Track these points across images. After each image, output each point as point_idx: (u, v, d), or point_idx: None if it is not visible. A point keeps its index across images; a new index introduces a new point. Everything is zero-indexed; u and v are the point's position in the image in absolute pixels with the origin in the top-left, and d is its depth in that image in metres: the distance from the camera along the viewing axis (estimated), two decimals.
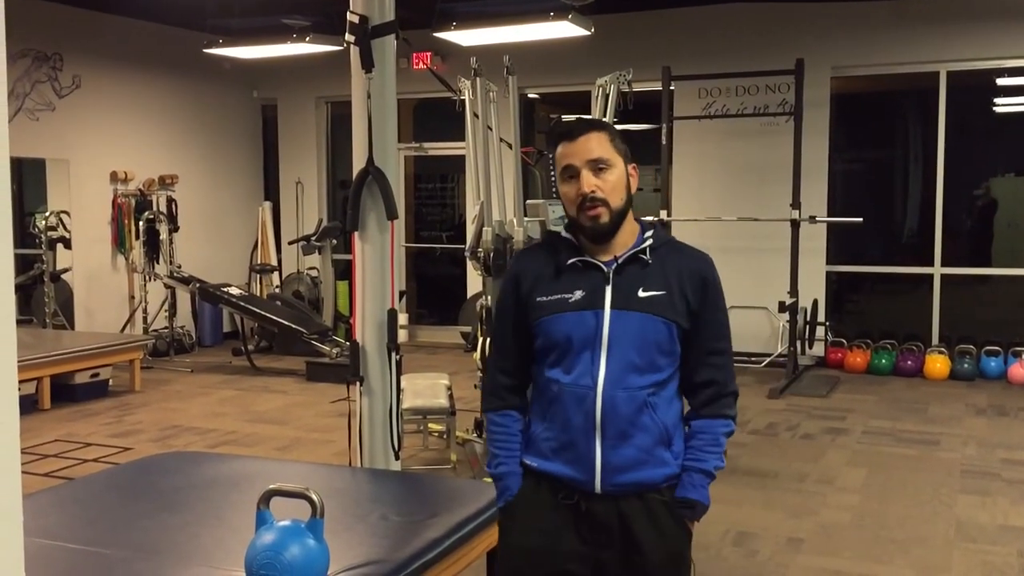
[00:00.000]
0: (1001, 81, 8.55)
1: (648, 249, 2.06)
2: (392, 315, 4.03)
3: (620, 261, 2.04)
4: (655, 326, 2.02)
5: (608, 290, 2.02)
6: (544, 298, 2.05)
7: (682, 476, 2.08)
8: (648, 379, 2.02)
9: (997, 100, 9.02)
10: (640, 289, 2.02)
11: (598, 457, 2.01)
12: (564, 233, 2.14)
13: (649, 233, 2.09)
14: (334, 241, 9.21)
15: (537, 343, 2.09)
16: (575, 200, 2.02)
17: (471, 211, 6.94)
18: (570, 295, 2.03)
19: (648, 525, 2.04)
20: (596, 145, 2.02)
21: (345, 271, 9.53)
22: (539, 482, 2.09)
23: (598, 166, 2.02)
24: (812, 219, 8.00)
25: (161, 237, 9.28)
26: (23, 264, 9.11)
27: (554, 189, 2.10)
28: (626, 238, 2.07)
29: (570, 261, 2.06)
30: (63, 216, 8.94)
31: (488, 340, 2.20)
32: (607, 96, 6.73)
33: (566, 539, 2.05)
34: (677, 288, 2.04)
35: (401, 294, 4.16)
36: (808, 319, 8.26)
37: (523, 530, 2.10)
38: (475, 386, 5.81)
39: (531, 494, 2.10)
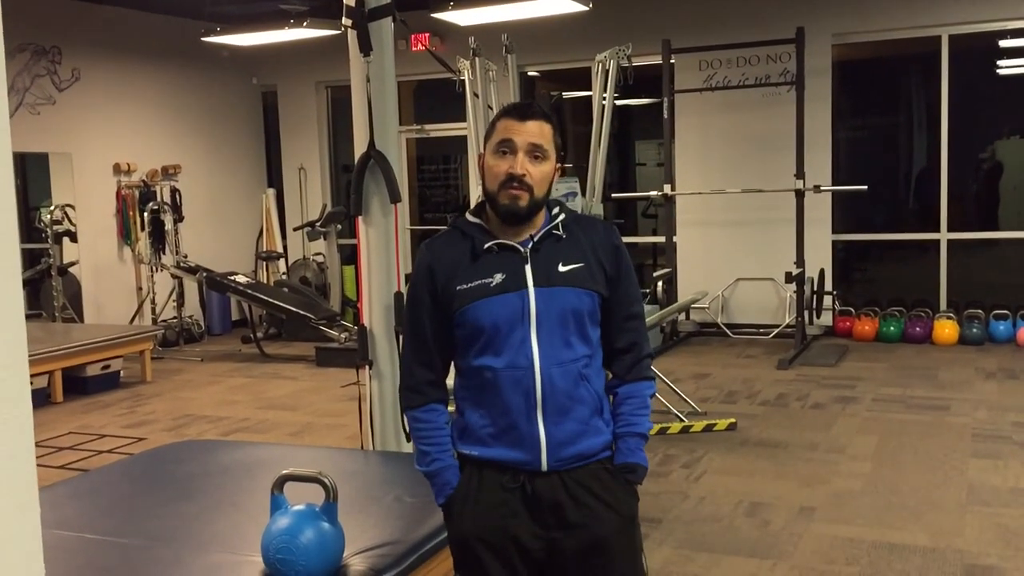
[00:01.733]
0: (1004, 43, 8.48)
1: (561, 225, 2.08)
2: (399, 298, 4.04)
3: (535, 239, 2.06)
4: (579, 298, 2.04)
5: (528, 269, 2.03)
6: (464, 286, 2.03)
7: (618, 443, 2.10)
8: (580, 351, 2.04)
9: (1000, 63, 8.95)
10: (559, 264, 2.04)
11: (542, 435, 2.01)
12: (471, 218, 2.12)
13: (556, 210, 2.11)
14: (339, 226, 9.22)
15: (460, 332, 2.06)
16: (501, 176, 2.02)
17: (475, 191, 6.94)
18: (491, 279, 2.02)
19: (597, 494, 2.05)
20: (540, 133, 2.03)
21: (351, 255, 9.55)
22: (480, 469, 2.06)
23: (535, 153, 2.02)
24: (817, 188, 7.97)
25: (166, 227, 9.30)
26: (30, 259, 9.15)
27: (481, 155, 2.07)
28: (537, 222, 2.08)
29: (486, 245, 2.05)
30: (68, 209, 8.96)
31: (403, 337, 2.12)
32: (607, 71, 6.71)
33: (516, 523, 2.03)
34: (594, 259, 2.07)
35: (407, 277, 4.16)
36: (815, 289, 8.25)
37: (471, 520, 2.06)
38: None
39: (473, 483, 2.07)
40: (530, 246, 2.05)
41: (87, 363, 7.23)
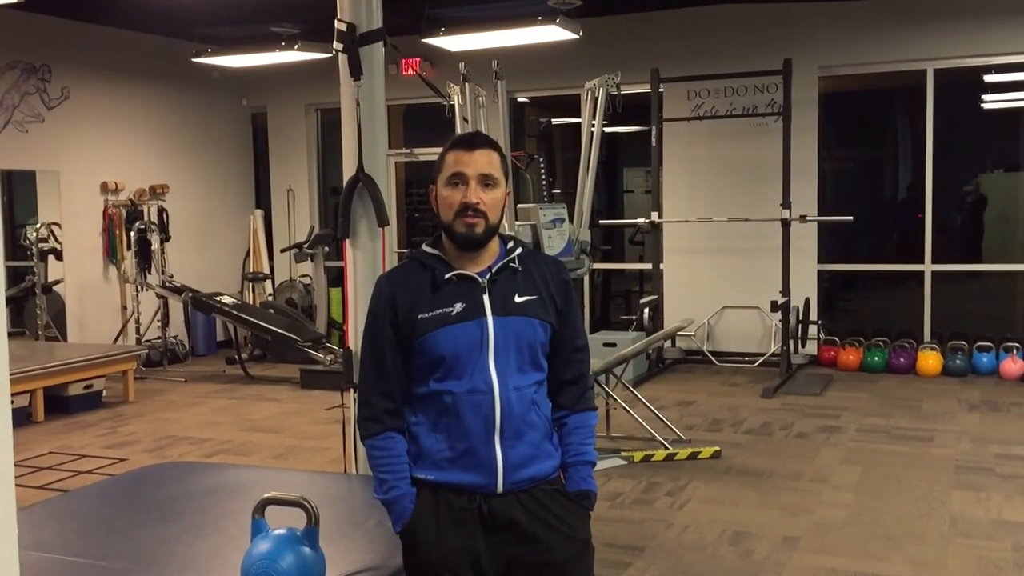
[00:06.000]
0: (988, 78, 8.59)
1: (517, 258, 2.18)
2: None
3: (493, 271, 2.15)
4: (534, 328, 2.14)
5: (486, 299, 2.12)
6: (426, 315, 2.11)
7: (569, 471, 2.19)
8: (532, 378, 2.15)
9: (985, 97, 9.06)
10: (516, 295, 2.15)
11: (499, 459, 2.09)
12: (429, 249, 2.20)
13: (512, 244, 2.21)
14: (326, 248, 9.21)
15: (420, 360, 2.12)
16: (456, 206, 2.11)
17: None
18: (451, 308, 2.11)
19: (554, 512, 2.14)
20: (488, 162, 2.13)
21: (338, 278, 9.53)
22: (436, 493, 2.12)
23: (486, 182, 2.12)
24: (803, 218, 8.02)
25: (153, 247, 9.27)
26: (15, 276, 9.09)
27: (432, 188, 2.11)
28: (492, 250, 2.18)
29: (447, 276, 2.13)
30: (54, 228, 8.93)
31: (361, 367, 2.17)
32: (596, 99, 6.75)
33: (474, 543, 2.10)
34: (546, 292, 2.18)
35: None
36: (800, 318, 8.28)
37: (430, 543, 2.11)
38: None
39: (430, 507, 2.12)
40: (488, 277, 2.13)
41: (69, 382, 7.18)
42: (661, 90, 8.57)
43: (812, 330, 8.53)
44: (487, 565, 2.10)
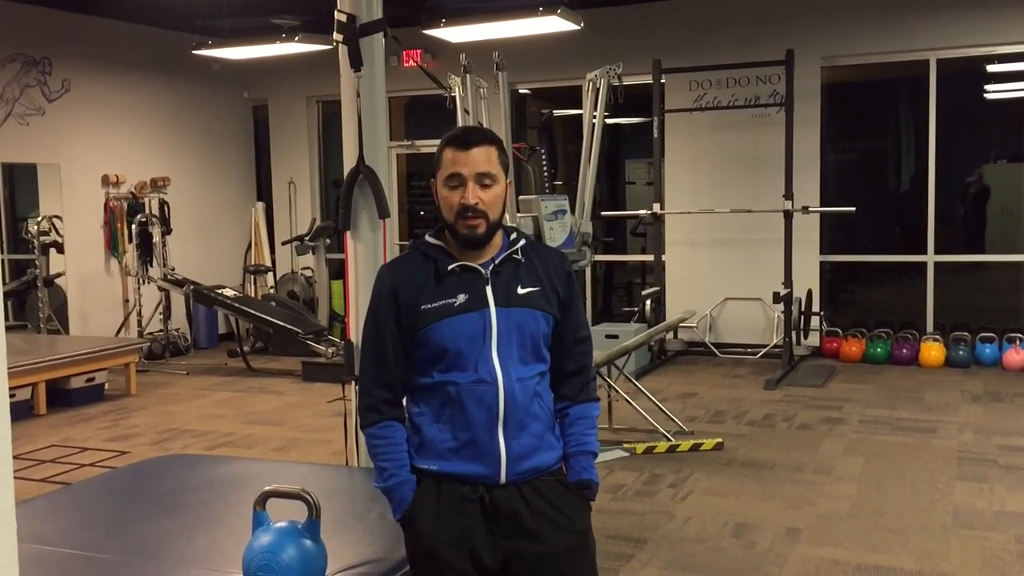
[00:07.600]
0: (991, 68, 8.55)
1: (520, 250, 2.18)
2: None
3: (496, 262, 2.14)
4: (536, 319, 2.14)
5: (489, 290, 2.12)
6: (429, 305, 2.10)
7: (571, 461, 2.20)
8: (535, 369, 2.15)
9: (988, 87, 9.03)
10: (518, 287, 2.14)
11: (502, 449, 2.09)
12: (432, 239, 2.20)
13: (515, 235, 2.21)
14: (327, 240, 9.20)
15: (422, 352, 2.12)
16: (455, 207, 2.09)
17: None
18: (454, 300, 2.10)
19: (555, 505, 2.14)
20: (486, 159, 2.10)
21: (340, 270, 9.52)
22: (439, 482, 2.12)
23: (484, 181, 2.10)
24: (805, 209, 8.00)
25: (154, 240, 9.27)
26: (16, 269, 9.10)
27: (433, 182, 2.11)
28: (495, 242, 2.17)
29: (450, 267, 2.13)
30: (55, 221, 8.92)
31: (361, 357, 2.16)
32: (598, 90, 6.73)
33: (475, 533, 2.10)
34: (548, 283, 2.18)
35: None
36: (803, 309, 8.27)
37: (431, 532, 2.12)
38: None
39: (432, 496, 2.13)
40: (491, 268, 2.13)
41: (71, 375, 7.17)
42: (663, 81, 8.54)
43: (815, 321, 8.52)
44: (487, 555, 2.10)
